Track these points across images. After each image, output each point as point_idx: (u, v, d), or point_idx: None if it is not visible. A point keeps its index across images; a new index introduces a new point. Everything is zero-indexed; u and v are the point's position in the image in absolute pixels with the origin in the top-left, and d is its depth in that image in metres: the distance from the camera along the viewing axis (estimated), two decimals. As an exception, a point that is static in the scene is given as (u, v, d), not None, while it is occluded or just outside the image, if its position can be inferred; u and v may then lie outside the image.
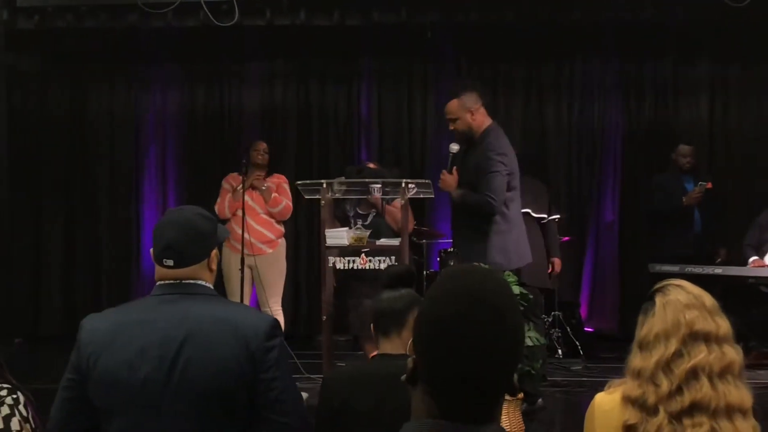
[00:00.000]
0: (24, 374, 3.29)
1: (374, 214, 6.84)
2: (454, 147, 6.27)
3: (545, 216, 8.06)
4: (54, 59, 10.51)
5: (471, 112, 6.35)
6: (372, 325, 3.32)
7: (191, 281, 2.84)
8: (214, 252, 2.91)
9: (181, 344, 2.71)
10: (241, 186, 7.91)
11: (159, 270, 2.86)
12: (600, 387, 2.69)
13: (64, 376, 2.79)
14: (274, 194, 7.98)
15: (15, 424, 2.76)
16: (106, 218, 10.62)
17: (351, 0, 8.83)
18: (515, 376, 1.67)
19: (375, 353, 3.35)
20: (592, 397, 2.65)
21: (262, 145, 8.17)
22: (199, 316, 2.77)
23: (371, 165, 6.18)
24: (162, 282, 2.86)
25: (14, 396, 2.79)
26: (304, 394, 3.89)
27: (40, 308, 10.57)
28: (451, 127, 6.38)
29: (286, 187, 8.17)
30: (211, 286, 2.90)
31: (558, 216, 8.35)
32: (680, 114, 10.20)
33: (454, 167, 6.23)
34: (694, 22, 9.28)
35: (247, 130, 10.46)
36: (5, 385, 2.81)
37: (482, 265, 5.89)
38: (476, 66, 10.47)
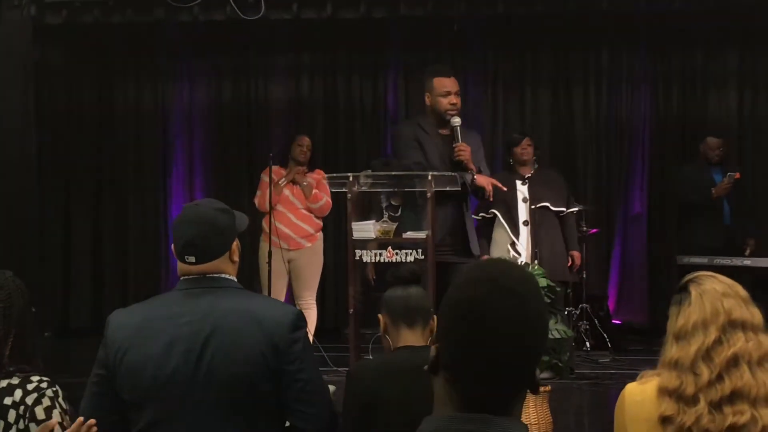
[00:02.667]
0: (53, 367, 3.31)
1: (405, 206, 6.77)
2: (458, 120, 6.07)
3: (564, 209, 7.99)
4: (81, 54, 10.55)
5: None
6: (392, 316, 3.36)
7: (215, 275, 2.86)
8: (235, 243, 2.92)
9: (207, 338, 2.74)
10: (281, 180, 7.91)
11: (181, 265, 2.89)
12: (629, 379, 2.67)
13: (93, 372, 2.84)
14: (315, 190, 7.96)
15: (56, 415, 2.78)
16: (133, 212, 10.67)
17: (377, -8, 8.82)
18: (537, 372, 1.66)
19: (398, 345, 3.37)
20: (620, 389, 2.63)
21: (306, 141, 8.11)
22: (224, 310, 2.79)
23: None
24: (186, 277, 2.88)
25: (54, 388, 2.82)
26: (332, 387, 3.89)
27: (69, 301, 10.64)
28: (458, 102, 6.16)
29: (326, 183, 8.14)
30: (235, 279, 2.92)
31: (577, 208, 8.25)
32: (709, 105, 10.12)
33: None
34: (723, 13, 9.19)
35: (273, 123, 10.47)
36: (45, 378, 2.84)
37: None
38: (503, 57, 10.45)
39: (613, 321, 9.52)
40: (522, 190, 7.89)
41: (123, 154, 10.69)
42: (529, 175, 7.97)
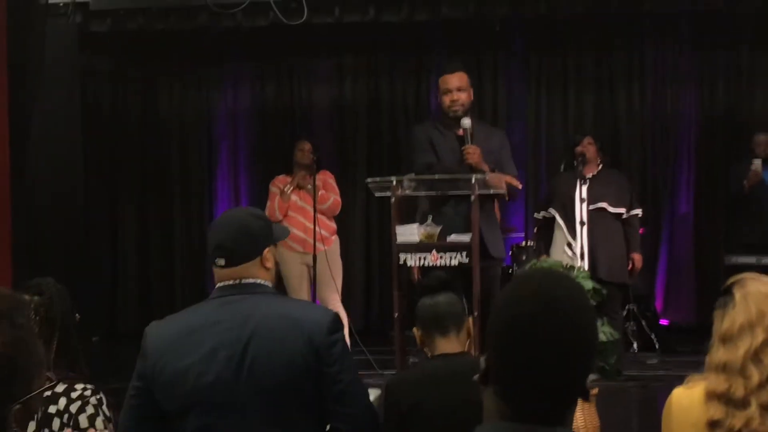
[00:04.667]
0: (102, 372, 3.33)
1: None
2: (468, 121, 5.93)
3: (624, 210, 7.80)
4: (126, 60, 10.67)
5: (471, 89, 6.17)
6: (424, 327, 3.34)
7: (250, 280, 2.88)
8: (268, 250, 2.92)
9: (247, 342, 2.76)
10: (287, 187, 8.01)
11: (216, 272, 2.93)
12: (677, 381, 2.65)
13: (131, 384, 2.85)
14: (321, 191, 8.01)
15: (99, 423, 2.80)
16: (179, 216, 10.76)
17: (419, -5, 8.82)
18: (588, 380, 1.66)
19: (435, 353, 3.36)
20: (669, 391, 2.61)
21: (307, 145, 8.21)
22: (263, 314, 2.81)
23: None
24: (222, 284, 2.91)
25: (98, 396, 2.84)
26: (377, 391, 3.88)
27: (116, 305, 10.74)
28: (460, 98, 6.04)
29: (332, 182, 8.21)
30: (270, 285, 2.93)
31: (640, 211, 8.04)
32: (755, 102, 10.01)
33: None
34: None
35: (317, 126, 10.51)
36: (89, 386, 2.86)
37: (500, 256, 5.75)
38: (546, 57, 10.40)
39: (661, 321, 9.44)
40: (581, 190, 7.74)
41: (168, 158, 10.79)
42: (591, 175, 7.80)
